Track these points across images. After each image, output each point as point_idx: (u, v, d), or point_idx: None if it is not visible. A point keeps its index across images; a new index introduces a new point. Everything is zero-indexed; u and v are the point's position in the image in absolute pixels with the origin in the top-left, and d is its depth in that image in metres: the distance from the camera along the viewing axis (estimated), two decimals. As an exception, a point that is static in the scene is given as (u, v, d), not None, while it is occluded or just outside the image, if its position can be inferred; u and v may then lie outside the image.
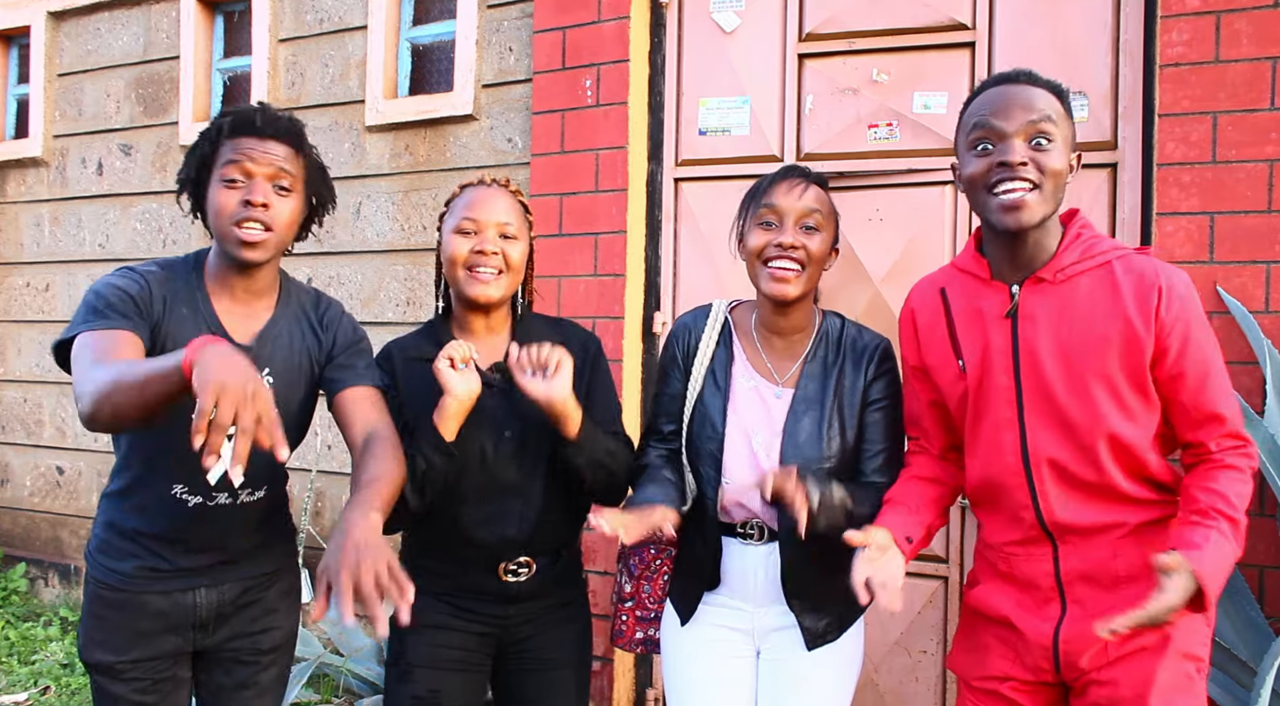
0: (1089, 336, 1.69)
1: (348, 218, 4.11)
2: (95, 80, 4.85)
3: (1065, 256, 1.73)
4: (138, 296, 1.80)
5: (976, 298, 1.81)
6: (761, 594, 1.99)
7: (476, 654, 2.05)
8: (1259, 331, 2.59)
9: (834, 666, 2.00)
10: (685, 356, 2.07)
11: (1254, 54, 2.67)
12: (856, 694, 3.14)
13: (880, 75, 3.20)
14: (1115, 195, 2.90)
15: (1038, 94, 1.70)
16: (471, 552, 2.00)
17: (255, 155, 1.82)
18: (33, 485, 5.01)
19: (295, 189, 1.89)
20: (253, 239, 1.82)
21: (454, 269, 1.99)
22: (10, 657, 4.22)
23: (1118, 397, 1.69)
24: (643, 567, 2.14)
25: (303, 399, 1.97)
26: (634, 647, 2.17)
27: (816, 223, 1.93)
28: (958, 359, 1.82)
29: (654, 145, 3.52)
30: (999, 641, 1.83)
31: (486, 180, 2.07)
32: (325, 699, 3.53)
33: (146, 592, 1.90)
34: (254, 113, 1.86)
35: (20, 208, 5.06)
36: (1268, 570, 2.63)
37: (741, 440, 1.97)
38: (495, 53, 3.79)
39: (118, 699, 1.92)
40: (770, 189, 1.96)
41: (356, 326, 2.05)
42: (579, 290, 3.50)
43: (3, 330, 5.10)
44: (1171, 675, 1.68)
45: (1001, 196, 1.67)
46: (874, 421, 1.98)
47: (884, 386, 2.00)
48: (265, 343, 1.91)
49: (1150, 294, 1.67)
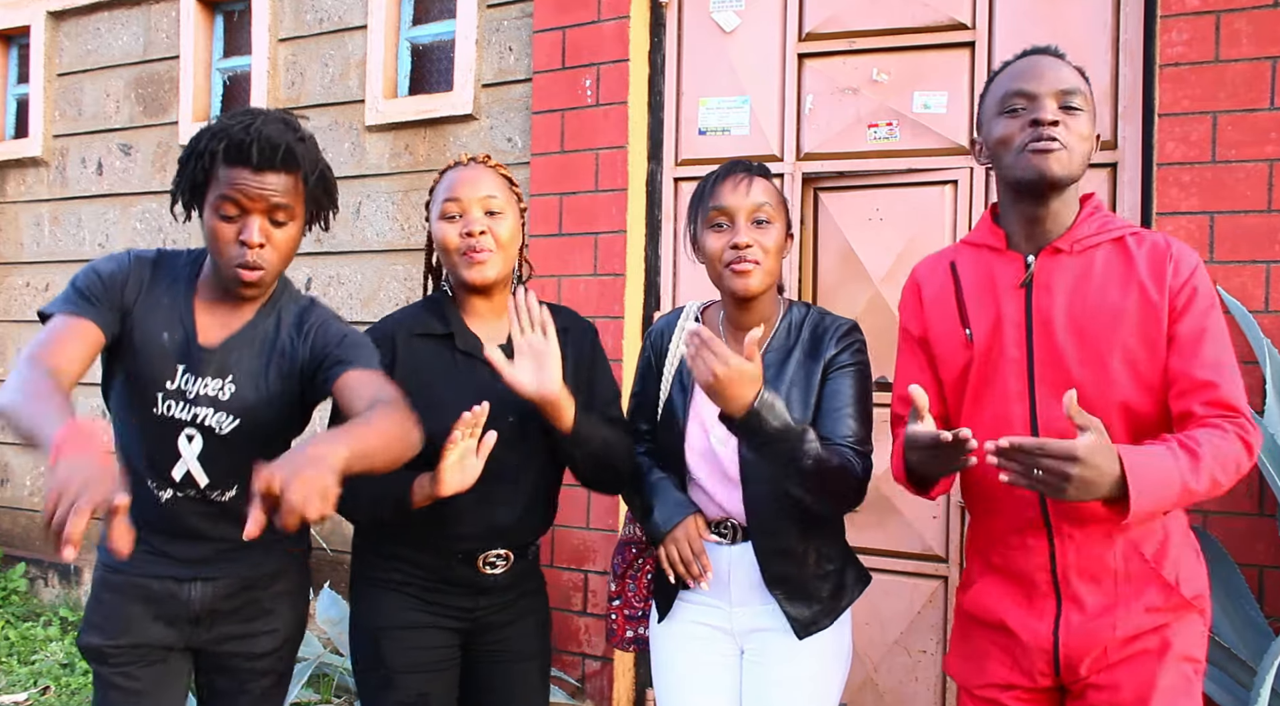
0: (1105, 307, 1.68)
1: (348, 217, 4.11)
2: (95, 80, 4.85)
3: (1082, 228, 1.73)
4: (113, 282, 1.81)
5: (990, 268, 1.80)
6: (737, 594, 1.98)
7: (452, 649, 2.03)
8: (1259, 331, 2.59)
9: (821, 657, 1.97)
10: (657, 358, 2.11)
11: (1254, 54, 2.67)
12: (856, 693, 3.15)
13: (880, 75, 3.20)
14: (1115, 195, 2.91)
15: (1066, 66, 1.73)
16: (454, 541, 1.96)
17: (250, 190, 1.74)
18: (32, 485, 5.01)
19: (294, 216, 1.83)
20: (250, 279, 1.80)
21: (448, 256, 1.98)
22: (10, 657, 4.22)
23: (1133, 368, 1.66)
24: (625, 566, 2.13)
25: (275, 409, 1.91)
26: (626, 646, 2.16)
27: (767, 215, 1.94)
28: (965, 329, 1.79)
29: (654, 145, 3.52)
30: (997, 647, 1.81)
31: (464, 159, 2.04)
32: (325, 699, 3.53)
33: (145, 577, 1.90)
34: (249, 143, 1.73)
35: (20, 207, 5.06)
36: (1267, 570, 2.63)
37: (700, 434, 1.98)
38: (495, 52, 3.79)
39: (107, 682, 1.91)
40: (716, 190, 1.96)
41: (345, 325, 1.97)
42: (579, 290, 3.50)
43: (3, 330, 5.10)
44: (1172, 678, 1.67)
45: (1033, 145, 1.67)
46: (835, 382, 1.93)
47: (849, 356, 1.95)
48: (231, 349, 1.87)
49: (1163, 261, 1.68)
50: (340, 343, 1.90)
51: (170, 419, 1.85)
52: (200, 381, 1.84)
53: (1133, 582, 1.69)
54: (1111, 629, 1.68)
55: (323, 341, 1.90)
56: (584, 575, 3.47)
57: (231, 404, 1.86)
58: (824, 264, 3.26)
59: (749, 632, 1.99)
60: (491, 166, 2.04)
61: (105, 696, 1.93)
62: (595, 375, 2.14)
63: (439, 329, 1.99)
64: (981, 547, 1.86)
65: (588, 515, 3.44)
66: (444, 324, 1.99)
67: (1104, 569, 1.71)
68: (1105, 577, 1.71)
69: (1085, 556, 1.71)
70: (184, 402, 1.84)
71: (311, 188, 1.86)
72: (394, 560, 1.99)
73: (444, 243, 1.97)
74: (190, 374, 1.84)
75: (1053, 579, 1.73)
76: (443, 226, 1.97)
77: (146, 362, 1.83)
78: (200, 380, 1.84)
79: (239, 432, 1.86)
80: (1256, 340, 2.58)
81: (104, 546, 1.96)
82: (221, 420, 1.85)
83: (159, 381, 1.83)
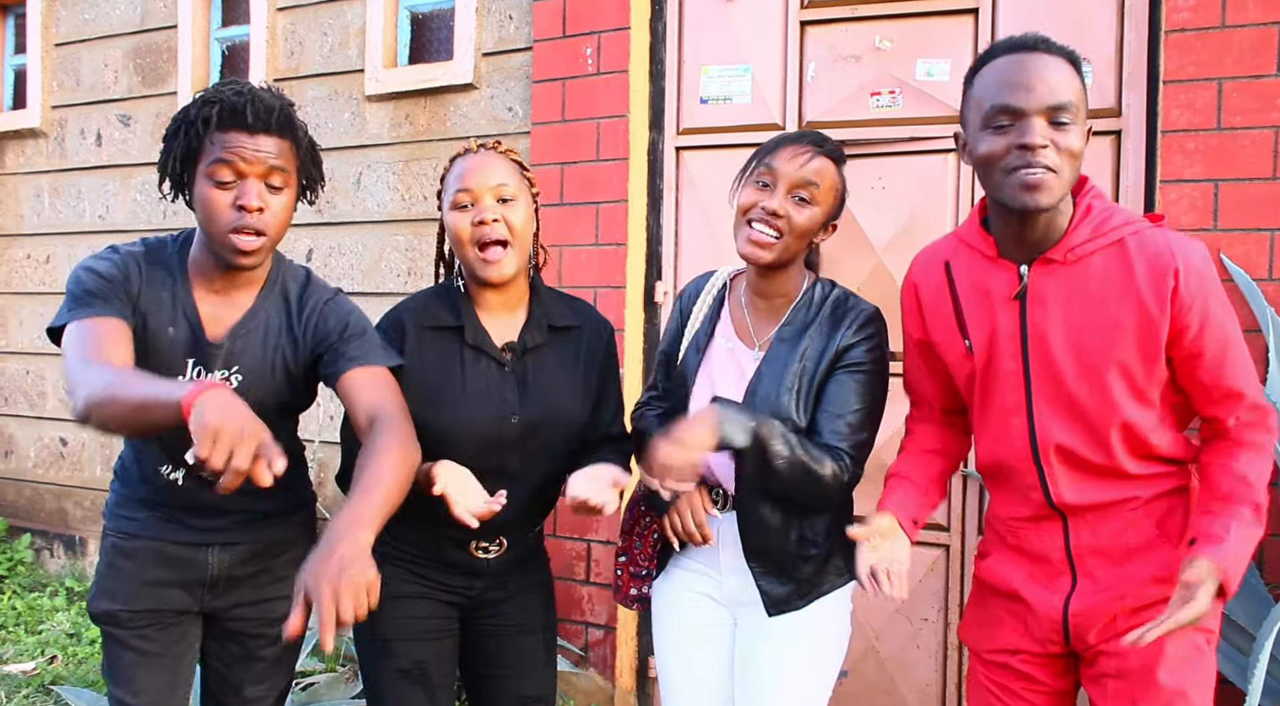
0: (1101, 320, 1.64)
1: (348, 188, 4.10)
2: (93, 50, 4.81)
3: (1076, 235, 1.65)
4: (116, 278, 1.78)
5: (983, 276, 1.75)
6: (726, 561, 1.99)
7: (449, 621, 2.04)
8: (1262, 299, 2.59)
9: (814, 637, 1.96)
10: (681, 318, 2.09)
11: (1260, 19, 2.64)
12: (858, 661, 3.17)
13: (883, 42, 3.18)
14: (1119, 162, 2.89)
15: (1055, 66, 1.60)
16: (448, 530, 1.89)
17: (247, 153, 1.72)
18: (37, 456, 5.03)
19: (289, 183, 1.81)
20: (249, 247, 1.76)
21: (462, 249, 1.93)
22: (17, 627, 4.25)
23: (1131, 383, 1.65)
24: (632, 523, 2.13)
25: (283, 395, 1.91)
26: (630, 603, 2.15)
27: (811, 195, 1.87)
28: (964, 339, 1.78)
29: (655, 113, 3.50)
30: (1009, 614, 1.82)
31: (474, 146, 2.00)
32: (330, 667, 3.56)
33: (161, 540, 1.92)
34: (244, 104, 1.72)
35: (20, 179, 5.04)
36: (1269, 538, 2.64)
37: (705, 397, 1.97)
38: (495, 21, 3.76)
39: (121, 642, 1.93)
40: (775, 150, 1.90)
41: (345, 310, 1.92)
42: (580, 259, 3.49)
43: (4, 302, 5.10)
44: (1180, 646, 1.66)
45: (1021, 175, 1.58)
46: (842, 384, 1.89)
47: (863, 353, 1.90)
48: (237, 338, 1.85)
49: (1165, 275, 1.59)
50: (342, 333, 1.87)
51: None
52: (209, 376, 1.84)
53: (1144, 554, 1.71)
54: (1120, 599, 1.70)
55: (324, 330, 1.88)
56: (587, 544, 3.49)
57: (240, 393, 1.84)
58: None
59: (739, 604, 2.00)
60: (502, 152, 2.00)
61: (119, 657, 1.94)
62: (606, 383, 2.09)
63: (450, 321, 1.96)
64: (998, 526, 1.88)
65: (590, 485, 3.45)
66: (455, 316, 1.96)
67: (1118, 546, 1.72)
68: (1118, 553, 1.72)
69: (1100, 537, 1.73)
70: None
71: (304, 155, 1.84)
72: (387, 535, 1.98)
73: (457, 233, 1.92)
74: (200, 367, 1.84)
75: (1068, 558, 1.75)
76: (455, 216, 1.92)
77: (155, 358, 1.81)
78: (209, 374, 1.84)
79: None
80: (1260, 308, 2.58)
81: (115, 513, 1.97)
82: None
83: (170, 376, 1.81)
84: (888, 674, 3.18)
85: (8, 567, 4.86)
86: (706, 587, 2.03)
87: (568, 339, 2.04)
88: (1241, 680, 2.33)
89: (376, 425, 1.70)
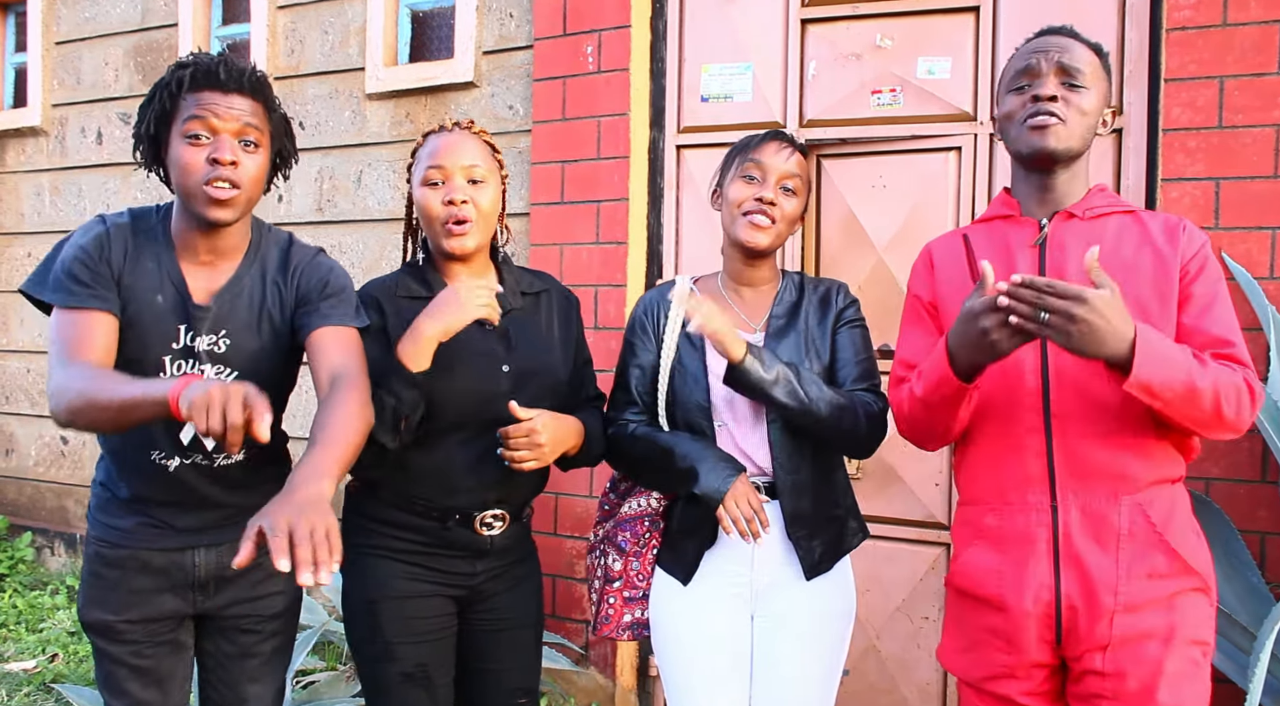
0: (1118, 262, 1.71)
1: (349, 186, 4.10)
2: (93, 48, 4.81)
3: (1094, 199, 1.80)
4: (100, 256, 1.80)
5: (1004, 234, 1.84)
6: (762, 549, 2.01)
7: (449, 618, 2.04)
8: (1263, 297, 2.58)
9: (828, 617, 2.05)
10: (655, 328, 2.13)
11: (1262, 17, 2.64)
12: (859, 659, 3.17)
13: (884, 40, 3.17)
14: (1120, 160, 2.88)
15: (1075, 44, 1.78)
16: (451, 496, 1.97)
17: (220, 110, 1.76)
18: (37, 455, 5.03)
19: (262, 144, 1.84)
20: (222, 196, 1.77)
21: (430, 225, 1.99)
22: (18, 625, 4.26)
23: (1146, 321, 1.63)
24: (634, 542, 2.13)
25: (272, 358, 1.92)
26: (622, 634, 2.15)
27: (795, 187, 2.05)
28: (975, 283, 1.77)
29: (656, 112, 3.50)
30: (988, 632, 1.78)
31: (448, 124, 2.05)
32: (330, 666, 3.56)
33: (146, 549, 1.91)
34: (217, 64, 1.77)
35: (20, 177, 5.04)
36: (1269, 536, 2.64)
37: (722, 369, 1.97)
38: (496, 19, 3.76)
39: (115, 659, 1.92)
40: (760, 146, 2.06)
41: (325, 268, 1.97)
42: (581, 258, 3.49)
43: (4, 301, 5.10)
44: (1179, 664, 1.64)
45: (1032, 120, 1.74)
46: (850, 336, 2.09)
47: (854, 312, 2.12)
48: (224, 301, 1.87)
49: (1176, 229, 1.75)
50: (322, 290, 1.92)
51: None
52: (200, 339, 1.84)
53: (1137, 545, 1.67)
54: (1113, 594, 1.66)
55: (306, 285, 1.93)
56: (587, 543, 3.48)
57: (229, 357, 1.86)
58: (827, 231, 3.25)
59: (764, 589, 2.03)
60: (475, 133, 2.05)
61: (111, 672, 1.94)
62: (579, 344, 2.20)
63: (422, 292, 2.00)
64: (972, 516, 1.83)
65: (590, 483, 3.45)
66: (427, 288, 2.01)
67: (1108, 528, 1.68)
68: (1109, 538, 1.68)
69: (1089, 514, 1.69)
70: (192, 359, 1.84)
71: (277, 123, 1.89)
72: (387, 527, 2.00)
73: (426, 210, 1.98)
74: (191, 331, 1.84)
75: (1053, 537, 1.70)
76: (425, 193, 1.98)
77: (146, 328, 1.82)
78: (200, 337, 1.84)
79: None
80: (1261, 307, 2.57)
81: (97, 519, 1.96)
82: (222, 375, 1.85)
83: (164, 343, 1.82)
84: (888, 673, 3.18)
85: (9, 566, 4.86)
86: (734, 582, 2.04)
87: (538, 303, 2.13)
88: (1242, 679, 2.33)
89: (336, 383, 1.75)
